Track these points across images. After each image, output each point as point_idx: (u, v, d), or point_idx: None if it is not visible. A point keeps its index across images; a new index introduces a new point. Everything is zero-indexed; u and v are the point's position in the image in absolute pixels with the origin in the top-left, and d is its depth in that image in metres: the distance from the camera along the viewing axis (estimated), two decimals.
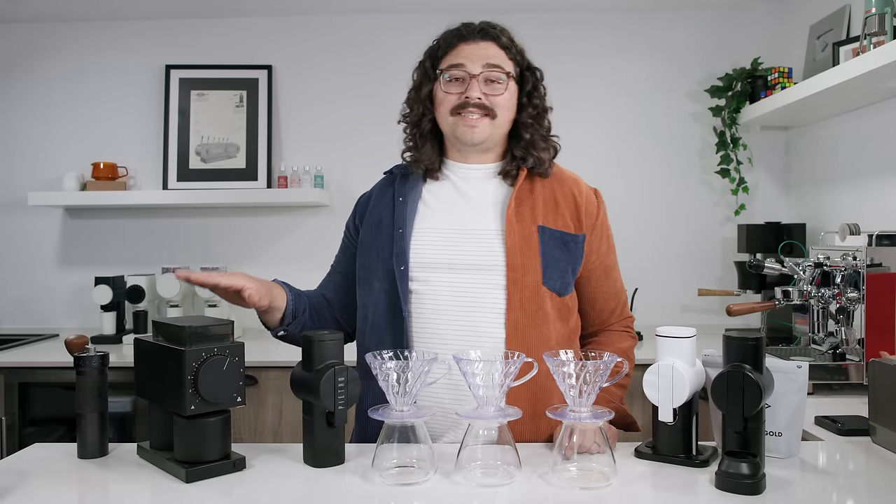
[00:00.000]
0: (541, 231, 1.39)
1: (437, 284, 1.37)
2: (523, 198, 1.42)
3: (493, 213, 1.42)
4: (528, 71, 1.48)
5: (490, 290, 1.36)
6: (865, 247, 1.83)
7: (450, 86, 1.42)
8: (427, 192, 1.47)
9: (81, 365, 1.28)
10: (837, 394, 1.81)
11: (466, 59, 1.41)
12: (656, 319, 2.01)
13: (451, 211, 1.43)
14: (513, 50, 1.45)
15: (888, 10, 2.03)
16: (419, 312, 1.38)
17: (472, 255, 1.38)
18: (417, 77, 1.49)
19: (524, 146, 1.44)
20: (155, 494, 1.13)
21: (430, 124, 1.47)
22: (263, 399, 2.48)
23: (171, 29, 3.19)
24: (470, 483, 1.12)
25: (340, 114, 3.16)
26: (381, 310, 1.40)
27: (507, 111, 1.43)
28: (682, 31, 3.13)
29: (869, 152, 2.50)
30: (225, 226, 3.19)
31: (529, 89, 1.46)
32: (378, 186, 1.56)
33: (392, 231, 1.42)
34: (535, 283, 1.36)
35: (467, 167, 1.47)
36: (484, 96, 1.40)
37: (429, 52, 1.49)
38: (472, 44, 1.43)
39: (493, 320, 1.35)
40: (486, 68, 1.40)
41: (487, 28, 1.45)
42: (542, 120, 1.47)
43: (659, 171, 3.13)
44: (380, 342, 1.37)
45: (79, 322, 3.16)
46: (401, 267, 1.38)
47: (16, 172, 3.20)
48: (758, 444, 1.11)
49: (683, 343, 1.21)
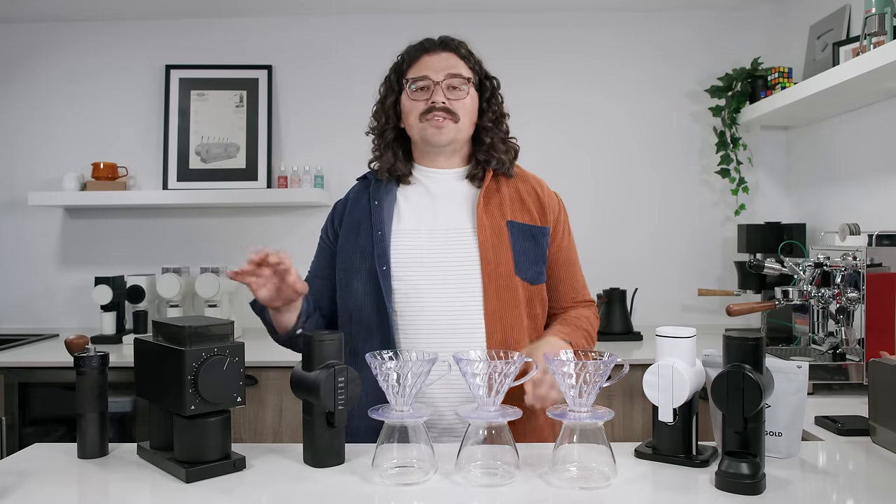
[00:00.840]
0: (510, 225, 1.49)
1: (418, 282, 1.45)
2: (491, 196, 1.52)
3: (465, 211, 1.51)
4: (486, 80, 1.57)
5: (467, 283, 1.44)
6: (865, 247, 1.83)
7: (416, 94, 1.51)
8: (401, 195, 1.55)
9: (81, 365, 1.29)
10: (837, 394, 1.81)
11: (429, 70, 1.51)
12: (656, 319, 2.02)
13: (425, 212, 1.52)
14: (471, 60, 1.55)
15: (888, 10, 2.03)
16: (403, 309, 1.44)
17: (448, 252, 1.46)
18: (383, 90, 1.59)
19: (486, 150, 1.54)
20: (155, 494, 1.13)
21: (393, 133, 1.57)
22: (263, 399, 2.48)
23: (171, 29, 3.19)
24: (470, 483, 1.12)
25: (340, 114, 3.16)
26: (367, 309, 1.46)
27: (469, 115, 1.53)
28: (682, 31, 3.13)
29: (869, 152, 2.50)
30: (225, 226, 3.19)
31: (488, 96, 1.56)
32: (353, 192, 1.63)
33: (371, 233, 1.50)
34: (508, 274, 1.46)
35: (437, 171, 1.56)
36: (447, 101, 1.49)
37: (394, 66, 1.58)
38: (433, 55, 1.53)
39: (471, 310, 1.43)
40: (448, 77, 1.50)
41: (447, 41, 1.55)
42: (501, 124, 1.57)
43: (659, 171, 3.13)
44: (368, 340, 1.44)
45: (79, 322, 3.16)
46: (383, 267, 1.45)
47: (16, 172, 3.20)
48: (758, 444, 1.11)
49: (683, 343, 1.21)
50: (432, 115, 1.48)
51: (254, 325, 3.15)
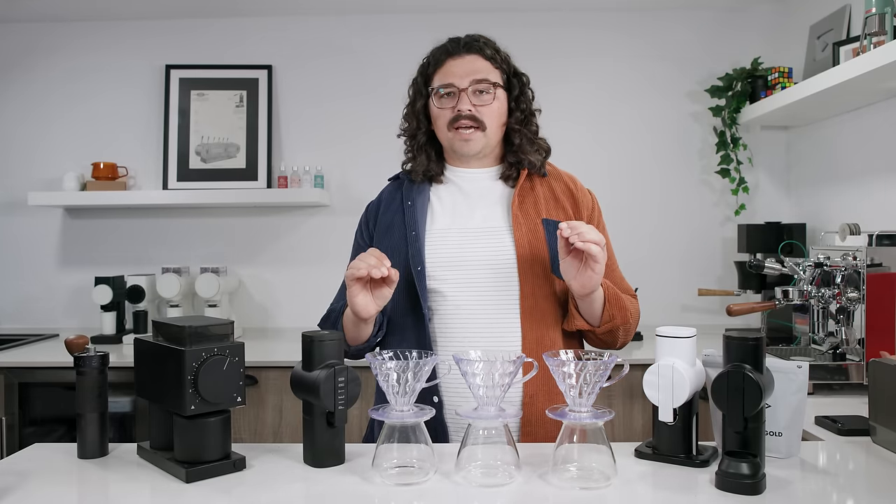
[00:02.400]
0: (545, 223, 1.48)
1: (455, 282, 1.44)
2: (525, 195, 1.52)
3: (500, 210, 1.51)
4: (514, 77, 1.55)
5: (504, 282, 1.43)
6: (865, 247, 1.83)
7: (442, 101, 1.51)
8: (434, 195, 1.55)
9: (81, 365, 1.28)
10: (837, 394, 1.81)
11: (454, 77, 1.49)
12: (656, 319, 2.01)
13: (459, 212, 1.52)
14: (497, 59, 1.52)
15: (888, 10, 2.03)
16: (439, 309, 1.44)
17: (484, 252, 1.46)
18: (412, 93, 1.58)
19: (514, 151, 1.53)
20: (155, 494, 1.13)
21: (425, 136, 1.56)
22: (263, 399, 2.48)
23: (171, 29, 3.19)
24: (470, 483, 1.12)
25: (340, 113, 3.16)
26: (402, 311, 1.46)
27: (497, 119, 1.51)
28: (682, 31, 3.13)
29: (869, 152, 2.50)
30: (225, 226, 3.19)
31: (516, 94, 1.54)
32: (386, 192, 1.62)
33: (405, 234, 1.49)
34: (545, 272, 1.45)
35: (469, 171, 1.56)
36: (474, 108, 1.48)
37: (420, 69, 1.57)
38: (458, 59, 1.50)
39: (508, 309, 1.43)
40: (473, 83, 1.48)
41: (472, 42, 1.52)
42: (530, 124, 1.55)
43: (659, 171, 3.13)
44: (402, 341, 1.44)
45: (79, 322, 3.17)
46: (418, 267, 1.45)
47: (15, 172, 3.20)
48: (758, 444, 1.11)
49: (683, 343, 1.21)
50: (460, 126, 1.47)
51: (254, 324, 3.18)
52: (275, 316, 3.19)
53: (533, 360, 1.21)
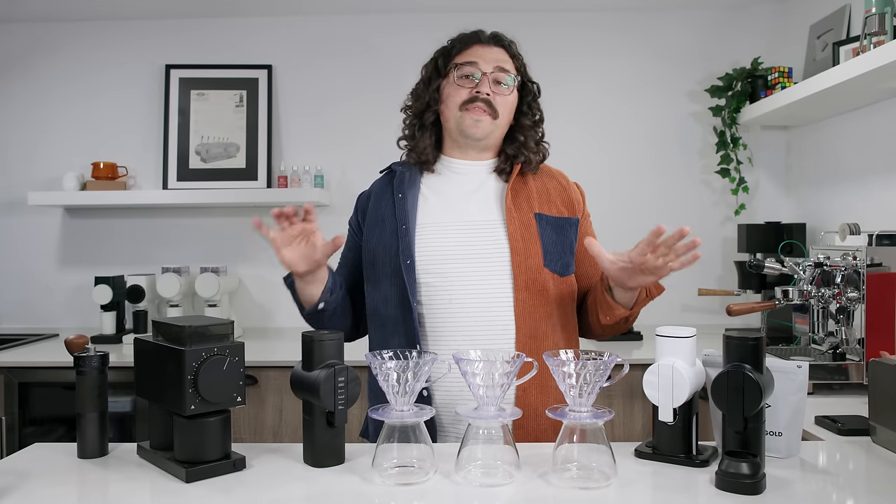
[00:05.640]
0: (538, 218, 1.50)
1: (446, 276, 1.44)
2: (518, 189, 1.53)
3: (493, 204, 1.51)
4: (529, 83, 1.59)
5: (497, 276, 1.44)
6: (865, 247, 1.83)
7: (461, 81, 1.51)
8: (425, 187, 1.55)
9: (81, 365, 1.28)
10: (837, 394, 1.81)
11: (480, 59, 1.52)
12: (656, 319, 2.01)
13: (451, 205, 1.52)
14: (518, 60, 1.57)
15: (888, 10, 2.03)
16: (430, 303, 1.44)
17: (477, 246, 1.46)
18: (427, 71, 1.59)
19: (517, 146, 1.55)
20: (155, 494, 1.12)
21: (433, 116, 1.56)
22: (263, 399, 2.48)
23: (171, 28, 3.19)
24: (470, 483, 1.12)
25: (340, 113, 3.16)
26: (392, 304, 1.46)
27: (508, 112, 1.54)
28: (682, 30, 3.13)
29: (869, 152, 2.50)
30: (225, 226, 3.19)
31: (530, 99, 1.58)
32: (377, 185, 1.62)
33: (396, 227, 1.49)
34: (538, 266, 1.45)
35: (464, 163, 1.56)
36: (492, 94, 1.49)
37: (442, 50, 1.58)
38: (485, 47, 1.54)
39: (501, 303, 1.43)
40: (497, 70, 1.51)
41: (500, 36, 1.57)
42: (538, 127, 1.59)
43: (659, 171, 3.13)
44: (392, 334, 1.45)
45: (79, 322, 3.17)
46: (407, 261, 1.44)
47: (15, 172, 3.20)
48: (758, 444, 1.11)
49: (683, 343, 1.21)
50: (473, 106, 1.48)
51: (254, 324, 3.18)
52: (275, 316, 3.19)
53: (533, 360, 1.21)
